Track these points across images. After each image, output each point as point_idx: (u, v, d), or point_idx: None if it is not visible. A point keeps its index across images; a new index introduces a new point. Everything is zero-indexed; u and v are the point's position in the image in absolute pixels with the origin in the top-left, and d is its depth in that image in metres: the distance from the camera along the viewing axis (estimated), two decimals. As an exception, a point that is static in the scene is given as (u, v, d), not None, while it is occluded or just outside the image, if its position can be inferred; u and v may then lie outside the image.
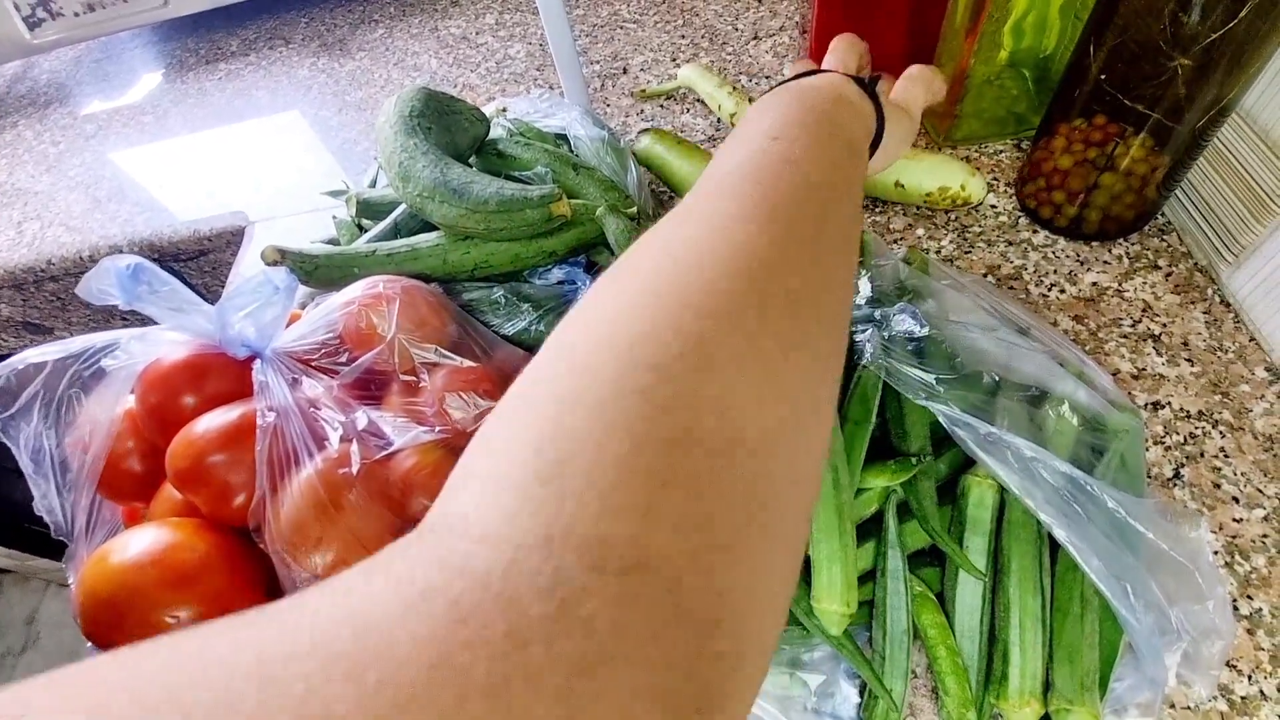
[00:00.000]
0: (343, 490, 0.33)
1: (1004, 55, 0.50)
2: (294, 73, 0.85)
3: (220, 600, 0.32)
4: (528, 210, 0.43)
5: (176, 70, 0.90)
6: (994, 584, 0.35)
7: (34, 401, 0.35)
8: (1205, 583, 0.32)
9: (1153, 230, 0.50)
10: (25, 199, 0.78)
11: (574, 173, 0.50)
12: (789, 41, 0.71)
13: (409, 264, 0.46)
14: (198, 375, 0.37)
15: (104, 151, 0.82)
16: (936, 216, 0.54)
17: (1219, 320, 0.45)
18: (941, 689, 0.33)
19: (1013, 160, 0.56)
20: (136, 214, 0.73)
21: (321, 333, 0.38)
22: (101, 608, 0.30)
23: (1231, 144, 0.44)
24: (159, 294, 0.35)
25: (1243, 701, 0.33)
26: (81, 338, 0.37)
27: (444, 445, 0.37)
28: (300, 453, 0.34)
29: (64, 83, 0.95)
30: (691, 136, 0.64)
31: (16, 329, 0.81)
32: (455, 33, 0.84)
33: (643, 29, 0.77)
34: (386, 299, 0.38)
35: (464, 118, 0.50)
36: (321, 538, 0.32)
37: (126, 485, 0.38)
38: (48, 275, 0.73)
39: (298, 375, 0.36)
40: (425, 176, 0.44)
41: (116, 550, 0.32)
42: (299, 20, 0.93)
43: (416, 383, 0.38)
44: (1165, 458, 0.40)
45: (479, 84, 0.77)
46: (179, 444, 0.34)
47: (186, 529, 0.34)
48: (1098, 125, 0.45)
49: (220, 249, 0.71)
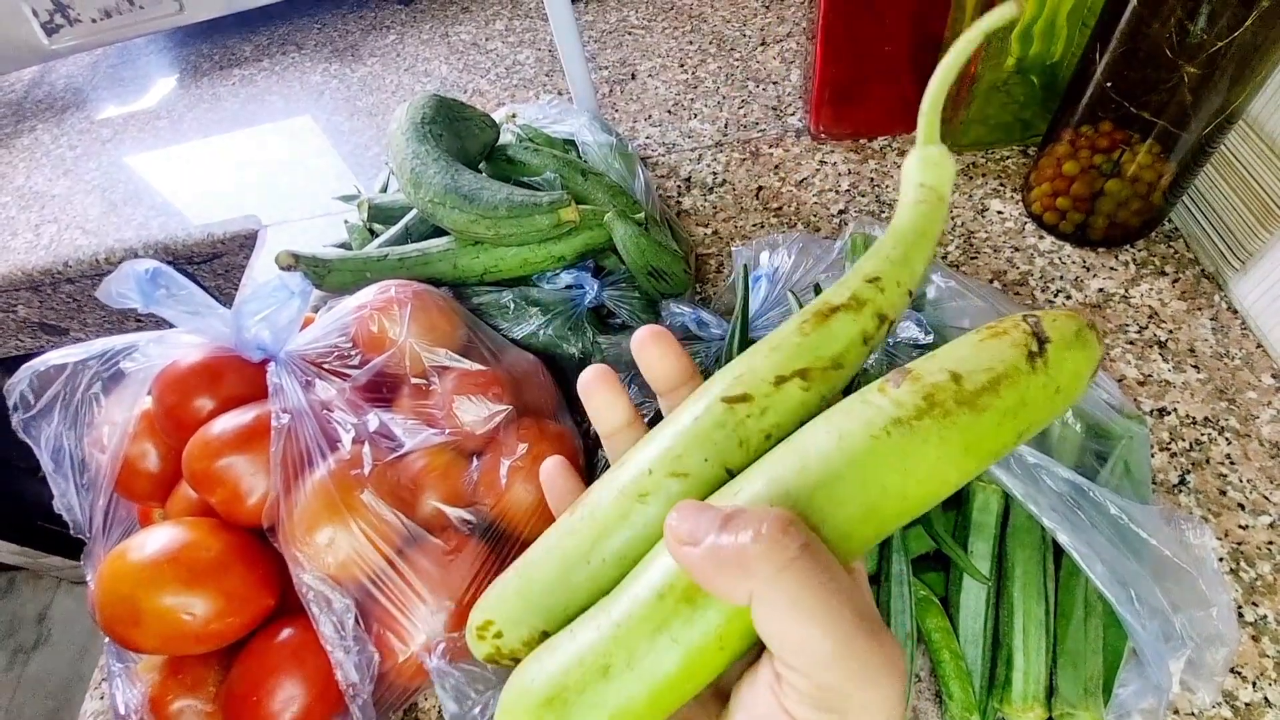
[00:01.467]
0: (355, 491, 0.33)
1: (1011, 61, 0.50)
2: (306, 78, 0.86)
3: (234, 597, 0.33)
4: (537, 216, 0.43)
5: (191, 76, 0.92)
6: (998, 589, 0.35)
7: (55, 402, 0.36)
8: (1210, 589, 0.32)
9: (1159, 237, 0.50)
10: (43, 202, 0.80)
11: (582, 178, 0.50)
12: (796, 47, 0.72)
13: (420, 268, 0.47)
14: (213, 377, 0.37)
15: (120, 155, 0.83)
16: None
17: (1225, 327, 0.45)
18: (945, 693, 0.34)
19: (1019, 166, 0.56)
20: (151, 217, 0.74)
21: (334, 336, 0.38)
22: (119, 604, 0.31)
23: (1238, 151, 0.44)
24: (176, 298, 0.35)
25: (1246, 708, 0.33)
26: (101, 340, 0.37)
27: (454, 447, 0.38)
28: (313, 454, 0.35)
29: (81, 88, 0.96)
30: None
31: (33, 330, 0.83)
32: (465, 39, 0.85)
33: (651, 35, 0.78)
34: (398, 303, 0.39)
35: (474, 124, 0.51)
36: (334, 538, 0.32)
37: (143, 485, 0.39)
38: (64, 277, 0.74)
39: (311, 378, 0.37)
40: (436, 182, 0.44)
41: (134, 548, 0.32)
42: (311, 26, 0.94)
43: (427, 386, 0.39)
44: (1171, 464, 0.40)
45: (489, 90, 0.78)
46: (194, 445, 0.35)
47: (202, 528, 0.34)
48: (1104, 132, 0.45)
49: (233, 252, 0.72)
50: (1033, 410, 0.17)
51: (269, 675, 0.32)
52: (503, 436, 0.38)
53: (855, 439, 0.16)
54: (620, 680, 0.16)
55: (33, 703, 1.37)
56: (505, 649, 0.20)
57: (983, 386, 0.17)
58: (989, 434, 0.17)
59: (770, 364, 0.19)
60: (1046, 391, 0.17)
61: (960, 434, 0.16)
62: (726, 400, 0.18)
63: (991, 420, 0.16)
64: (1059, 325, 0.18)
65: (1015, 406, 0.17)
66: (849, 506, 0.16)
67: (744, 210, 0.58)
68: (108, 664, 0.36)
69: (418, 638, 0.33)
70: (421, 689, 0.36)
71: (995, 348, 0.17)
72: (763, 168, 0.61)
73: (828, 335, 0.19)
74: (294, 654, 0.33)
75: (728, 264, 0.55)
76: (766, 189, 0.60)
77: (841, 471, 0.16)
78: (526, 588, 0.20)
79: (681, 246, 0.52)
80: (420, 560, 0.34)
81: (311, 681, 0.33)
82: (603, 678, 0.16)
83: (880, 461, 0.16)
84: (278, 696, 0.32)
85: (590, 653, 0.17)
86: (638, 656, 0.16)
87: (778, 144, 0.63)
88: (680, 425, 0.19)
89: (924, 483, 0.16)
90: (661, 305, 0.47)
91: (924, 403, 0.16)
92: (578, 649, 0.17)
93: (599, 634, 0.17)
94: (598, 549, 0.19)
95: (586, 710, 0.16)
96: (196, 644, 0.32)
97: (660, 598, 0.16)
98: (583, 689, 0.16)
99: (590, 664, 0.17)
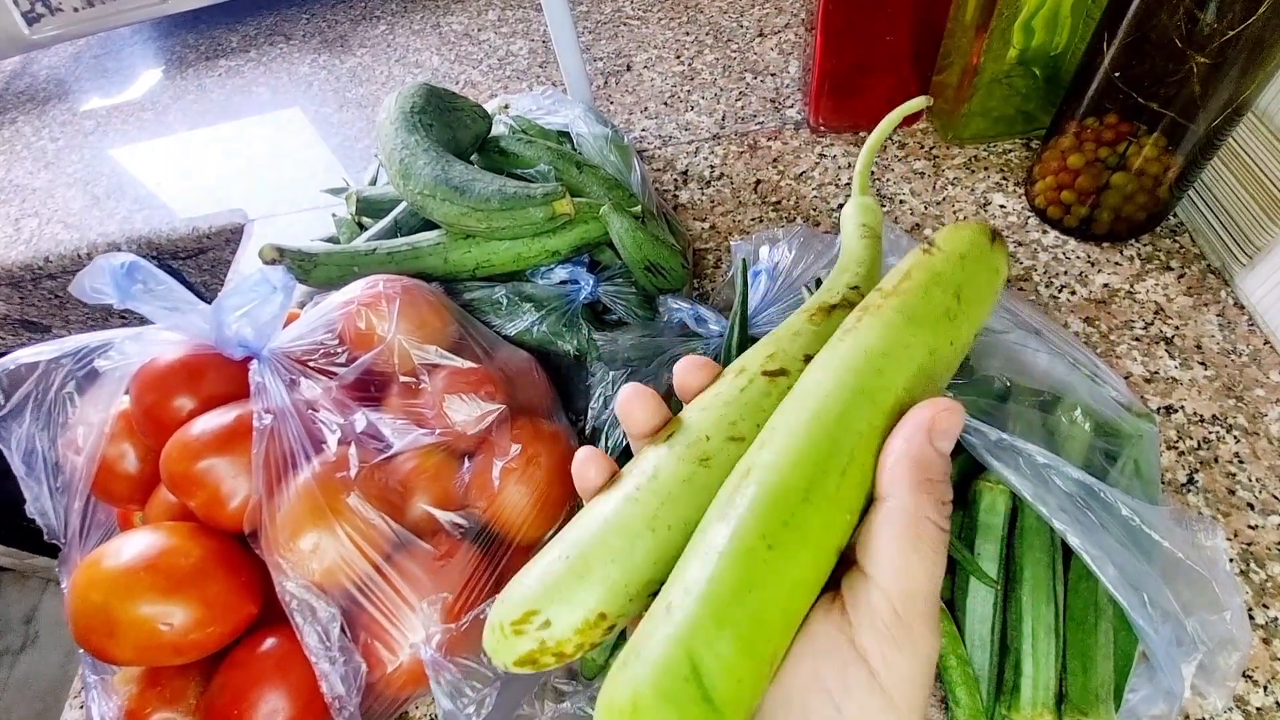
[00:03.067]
0: (341, 494, 0.32)
1: (1014, 53, 0.49)
2: (294, 69, 0.84)
3: (215, 606, 0.32)
4: (530, 208, 0.42)
5: (176, 66, 0.90)
6: (1006, 592, 0.34)
7: (26, 402, 0.35)
8: (1222, 592, 0.31)
9: (1165, 231, 0.49)
10: (23, 196, 0.78)
11: (577, 171, 0.49)
12: (794, 38, 0.71)
13: (410, 263, 0.45)
14: (193, 376, 0.36)
15: (103, 148, 0.81)
16: (944, 216, 0.53)
17: (1233, 323, 0.44)
18: (952, 699, 0.33)
19: (1022, 159, 0.55)
20: (135, 211, 0.72)
21: (320, 333, 0.37)
22: (93, 613, 0.30)
23: (1247, 143, 0.43)
24: (154, 293, 0.34)
25: (1258, 713, 0.32)
26: (75, 337, 0.36)
27: (444, 448, 0.37)
28: (297, 455, 0.33)
29: (63, 79, 0.94)
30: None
31: (14, 327, 0.81)
32: (457, 29, 0.84)
33: (647, 26, 0.77)
34: (386, 299, 0.38)
35: (466, 114, 0.49)
36: (319, 543, 0.31)
37: (121, 488, 0.37)
38: (45, 273, 0.72)
39: (295, 376, 0.35)
40: (426, 174, 0.43)
41: (109, 555, 0.31)
42: (300, 16, 0.92)
43: (417, 384, 0.37)
44: (1179, 463, 0.39)
45: (481, 81, 0.76)
46: (173, 446, 0.34)
47: (181, 533, 0.33)
48: (1109, 124, 0.44)
49: (219, 247, 0.71)
50: (947, 277, 0.22)
51: (251, 687, 0.31)
52: (495, 437, 0.37)
53: (830, 364, 0.20)
54: (729, 629, 0.16)
55: (20, 705, 1.35)
56: (552, 642, 0.18)
57: (899, 281, 0.22)
58: (919, 304, 0.21)
59: (797, 346, 0.22)
60: (950, 262, 0.22)
61: (896, 313, 0.21)
62: (767, 374, 0.21)
63: (916, 295, 0.21)
64: (942, 230, 0.24)
65: (929, 281, 0.22)
66: (868, 407, 0.19)
67: (742, 204, 0.57)
68: (84, 675, 0.34)
69: (407, 647, 0.31)
70: (412, 699, 0.35)
71: (903, 261, 0.23)
72: (761, 161, 0.60)
73: (832, 326, 0.22)
74: (278, 665, 0.32)
75: (726, 259, 0.54)
76: (765, 182, 0.58)
77: (831, 390, 0.19)
78: (582, 566, 0.18)
79: (679, 241, 0.50)
80: (409, 566, 0.32)
81: (296, 693, 0.31)
82: (719, 625, 0.16)
83: (851, 364, 0.19)
84: (261, 709, 0.31)
85: (704, 605, 0.16)
86: (754, 602, 0.16)
87: (776, 137, 0.62)
88: (728, 396, 0.21)
89: (898, 359, 0.20)
90: (659, 301, 0.45)
91: (860, 312, 0.21)
92: (685, 612, 0.16)
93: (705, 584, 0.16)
94: (661, 516, 0.18)
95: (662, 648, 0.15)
96: (175, 655, 0.31)
97: (750, 549, 0.17)
98: (650, 635, 0.16)
99: (703, 619, 0.16)
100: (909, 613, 0.16)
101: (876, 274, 0.26)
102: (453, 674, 0.30)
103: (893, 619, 0.16)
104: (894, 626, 0.16)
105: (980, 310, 0.23)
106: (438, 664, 0.31)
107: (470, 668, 0.31)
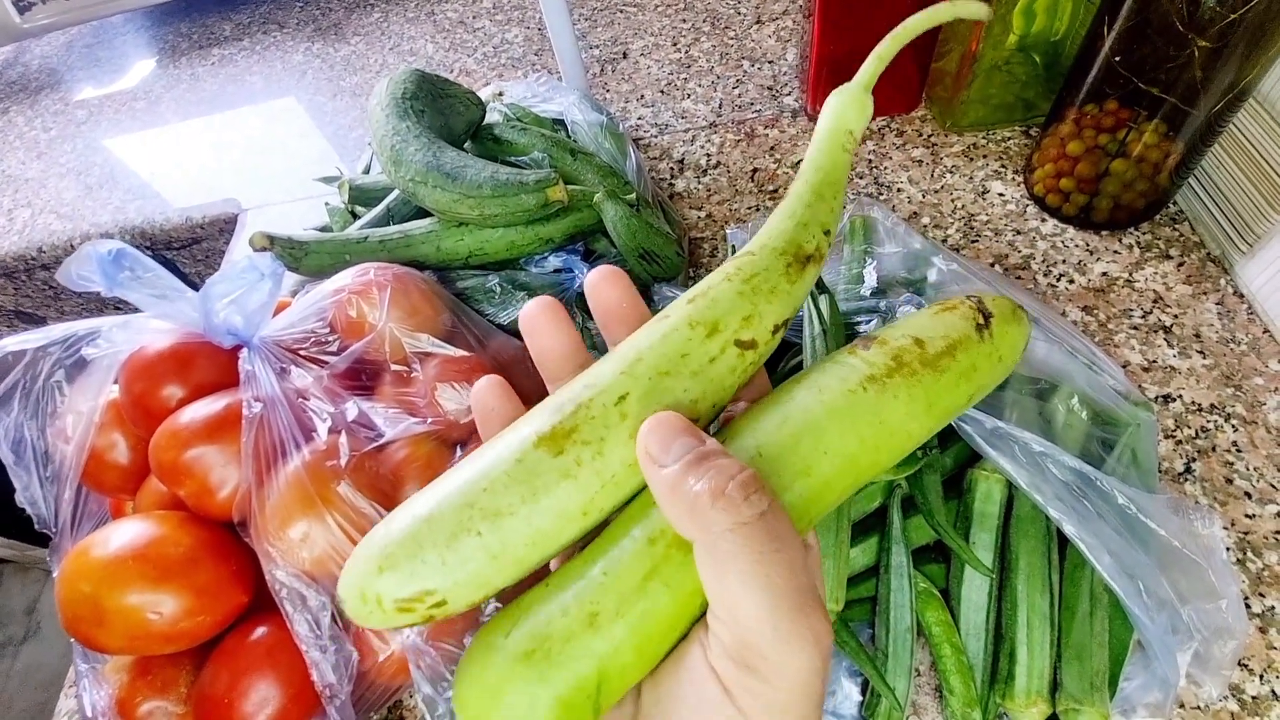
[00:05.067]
0: (331, 483, 0.32)
1: (1013, 39, 0.48)
2: (288, 58, 0.83)
3: (204, 595, 0.32)
4: (523, 195, 0.42)
5: (169, 55, 0.89)
6: (1001, 581, 0.34)
7: (14, 391, 0.34)
8: (1219, 581, 0.31)
9: (1164, 219, 0.49)
10: (16, 186, 0.77)
11: (572, 158, 0.49)
12: (792, 25, 0.70)
13: (402, 251, 0.45)
14: (182, 364, 0.36)
15: (96, 138, 0.80)
16: (942, 204, 0.52)
17: (1232, 311, 0.44)
18: (946, 688, 0.32)
19: (1021, 147, 0.55)
20: (128, 201, 0.72)
21: (311, 321, 0.37)
22: (81, 602, 0.30)
23: (1248, 130, 0.42)
24: (141, 280, 0.34)
25: (1254, 701, 0.32)
26: (62, 325, 0.35)
27: (436, 437, 0.36)
28: (287, 444, 0.33)
29: (55, 68, 0.93)
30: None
31: (8, 318, 0.80)
32: (452, 17, 0.83)
33: (643, 13, 0.76)
34: (378, 286, 0.37)
35: (459, 101, 0.49)
36: (308, 532, 0.31)
37: (111, 477, 0.37)
38: (39, 263, 0.72)
39: (286, 365, 0.35)
40: (418, 160, 0.42)
41: (97, 544, 0.31)
42: (293, 4, 0.91)
43: (409, 373, 0.37)
44: (1176, 452, 0.39)
45: (476, 69, 0.75)
46: (162, 435, 0.33)
47: (171, 522, 0.33)
48: (1109, 110, 0.43)
49: (213, 237, 0.70)
50: (981, 374, 0.20)
51: (242, 676, 0.31)
52: (487, 425, 0.36)
53: (834, 393, 0.18)
54: (608, 628, 0.16)
55: (22, 696, 1.36)
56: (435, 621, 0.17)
57: (942, 351, 0.19)
58: (947, 392, 0.19)
59: (771, 310, 0.19)
60: (991, 359, 0.20)
61: (925, 391, 0.19)
62: (740, 344, 0.19)
63: (950, 380, 0.19)
64: (998, 304, 0.21)
65: (968, 370, 0.20)
66: (829, 457, 0.17)
67: (739, 193, 0.57)
68: (75, 664, 0.34)
69: (398, 635, 0.31)
70: (404, 687, 0.35)
71: (949, 319, 0.20)
72: (758, 149, 0.59)
73: (803, 285, 0.20)
74: (268, 653, 0.32)
75: (722, 248, 0.53)
76: (762, 171, 0.58)
77: (822, 423, 0.18)
78: (501, 549, 0.16)
79: (674, 229, 0.50)
80: (401, 554, 0.32)
81: (287, 682, 0.31)
82: (589, 627, 0.16)
83: (857, 414, 0.18)
84: (251, 698, 0.31)
85: (575, 602, 0.16)
86: (628, 603, 0.16)
87: (773, 125, 0.61)
88: (696, 366, 0.18)
89: (894, 435, 0.18)
90: (654, 289, 0.45)
91: (893, 362, 0.19)
92: (561, 600, 0.16)
93: (586, 583, 0.16)
94: (594, 504, 0.17)
95: (571, 660, 0.16)
96: (165, 644, 0.31)
97: (651, 543, 0.16)
98: (568, 639, 0.16)
99: (575, 614, 0.16)
100: (758, 640, 0.14)
101: (843, 199, 0.22)
102: (432, 658, 0.30)
103: (738, 646, 0.15)
104: (743, 652, 0.15)
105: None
106: (418, 649, 0.30)
107: (453, 652, 0.31)
